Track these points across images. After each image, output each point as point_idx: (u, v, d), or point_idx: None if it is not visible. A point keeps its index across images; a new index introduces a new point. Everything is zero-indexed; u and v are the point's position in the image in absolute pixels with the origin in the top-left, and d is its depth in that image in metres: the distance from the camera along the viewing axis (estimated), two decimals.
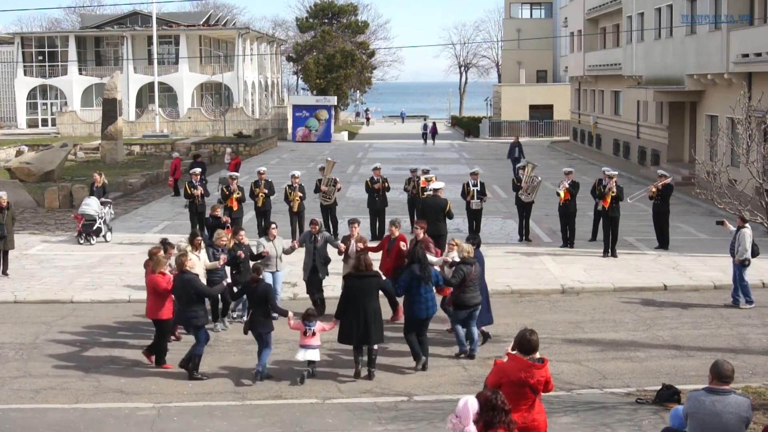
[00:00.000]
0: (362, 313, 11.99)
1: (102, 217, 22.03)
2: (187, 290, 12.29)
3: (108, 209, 22.47)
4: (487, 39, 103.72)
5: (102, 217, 22.03)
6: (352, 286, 12.16)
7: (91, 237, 21.69)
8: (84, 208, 21.94)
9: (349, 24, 79.24)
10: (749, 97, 15.85)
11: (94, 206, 21.97)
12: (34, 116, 69.68)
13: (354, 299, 12.07)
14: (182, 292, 12.32)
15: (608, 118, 47.15)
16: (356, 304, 12.03)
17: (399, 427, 10.44)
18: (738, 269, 15.77)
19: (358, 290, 12.09)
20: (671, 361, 12.85)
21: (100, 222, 21.93)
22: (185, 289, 12.29)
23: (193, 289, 12.31)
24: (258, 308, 12.24)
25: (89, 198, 22.61)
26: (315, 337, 12.10)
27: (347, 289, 12.25)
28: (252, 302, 12.37)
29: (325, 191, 21.87)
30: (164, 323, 12.73)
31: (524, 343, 7.93)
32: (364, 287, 12.14)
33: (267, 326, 12.25)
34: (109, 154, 42.60)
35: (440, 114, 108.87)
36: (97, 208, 21.97)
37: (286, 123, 62.74)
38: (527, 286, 17.32)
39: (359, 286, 12.12)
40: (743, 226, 15.52)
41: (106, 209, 22.30)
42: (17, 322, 15.19)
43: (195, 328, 12.36)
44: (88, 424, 10.60)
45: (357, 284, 12.14)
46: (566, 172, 21.57)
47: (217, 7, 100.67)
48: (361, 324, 11.99)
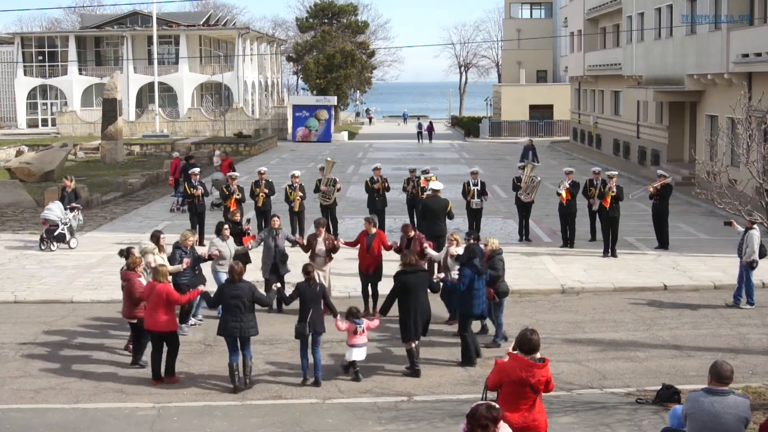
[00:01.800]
0: (419, 307, 12.33)
1: (66, 222, 21.13)
2: (246, 298, 11.75)
3: (75, 215, 21.66)
4: (487, 39, 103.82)
5: (66, 223, 21.12)
6: (408, 282, 12.37)
7: (52, 243, 20.87)
8: (46, 213, 21.12)
9: (349, 24, 79.24)
10: (749, 97, 15.80)
11: (57, 211, 21.07)
12: (34, 116, 69.70)
13: (410, 294, 12.32)
14: (238, 301, 11.70)
15: (608, 118, 47.15)
16: (413, 298, 12.32)
17: (399, 427, 10.44)
18: (745, 270, 15.73)
19: (413, 285, 12.36)
20: (671, 361, 12.85)
21: (63, 228, 21.02)
22: (241, 298, 11.71)
23: (252, 297, 11.86)
24: (317, 307, 12.09)
25: (53, 203, 21.68)
26: (363, 335, 12.13)
27: (403, 285, 12.40)
28: (309, 302, 12.04)
29: (324, 191, 21.86)
30: None
31: (525, 342, 7.93)
32: (419, 282, 12.47)
33: (323, 326, 12.21)
34: (109, 154, 42.60)
35: (440, 114, 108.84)
36: (60, 214, 21.05)
37: (286, 123, 62.75)
38: (527, 286, 17.31)
39: (414, 281, 12.40)
40: (752, 228, 15.47)
41: (72, 215, 21.43)
42: (17, 322, 15.19)
43: (247, 339, 11.84)
44: (88, 424, 10.60)
45: (412, 279, 12.40)
46: (567, 172, 21.60)
47: (217, 7, 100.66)
48: (419, 318, 12.32)
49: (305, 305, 12.02)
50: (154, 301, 12.03)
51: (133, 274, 12.83)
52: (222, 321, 11.95)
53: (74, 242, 21.42)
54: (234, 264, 12.18)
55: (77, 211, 22.04)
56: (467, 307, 12.74)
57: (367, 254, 15.19)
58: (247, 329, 11.73)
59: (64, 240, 21.18)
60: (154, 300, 12.02)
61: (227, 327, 11.72)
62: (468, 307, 12.73)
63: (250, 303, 11.79)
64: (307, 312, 11.93)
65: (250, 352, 11.88)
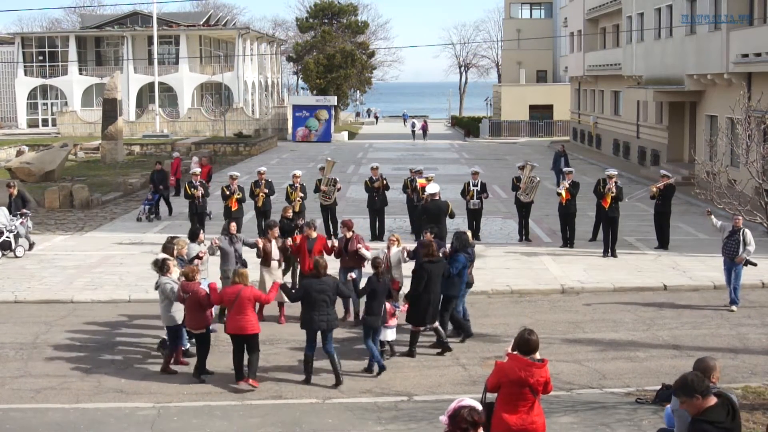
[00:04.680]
0: (434, 294, 12.96)
1: (12, 230, 20.22)
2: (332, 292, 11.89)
3: (24, 221, 20.80)
4: (487, 39, 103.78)
5: (12, 231, 20.22)
6: (431, 270, 12.91)
7: None
8: None
9: (349, 24, 79.22)
10: (749, 97, 15.85)
11: (1, 218, 20.22)
12: (35, 116, 69.73)
13: (431, 282, 12.89)
14: (324, 296, 11.80)
15: (608, 118, 47.16)
16: (433, 286, 12.94)
17: (399, 427, 10.45)
18: (738, 269, 15.55)
19: (434, 274, 12.96)
20: (671, 361, 12.86)
21: (8, 235, 20.11)
22: (327, 292, 11.81)
23: (336, 291, 12.06)
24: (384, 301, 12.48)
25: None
26: (395, 318, 12.82)
27: (427, 273, 12.87)
28: (380, 295, 12.37)
29: (325, 191, 21.87)
30: None
31: (524, 343, 7.90)
32: (439, 271, 13.09)
33: None
34: (110, 154, 42.60)
35: (440, 114, 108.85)
36: (4, 221, 20.22)
37: (286, 123, 62.77)
38: (527, 286, 17.32)
39: (436, 270, 13.00)
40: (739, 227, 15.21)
41: (18, 221, 20.60)
42: (17, 322, 15.20)
43: (330, 332, 11.96)
44: (88, 424, 10.60)
45: (435, 268, 12.99)
46: (567, 171, 21.60)
47: (217, 7, 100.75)
48: (432, 304, 12.97)
49: (377, 299, 12.35)
50: (241, 305, 11.76)
51: (195, 284, 12.27)
52: (306, 316, 11.93)
53: (21, 251, 20.31)
54: (320, 259, 12.27)
55: (26, 218, 21.04)
56: (453, 290, 13.51)
57: (309, 258, 15.16)
58: (333, 321, 11.99)
59: (10, 248, 20.18)
60: (242, 304, 11.76)
61: (313, 321, 11.80)
62: (454, 290, 13.52)
63: (334, 297, 12.01)
64: (379, 306, 12.34)
65: (332, 346, 11.99)
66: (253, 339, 11.89)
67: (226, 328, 12.09)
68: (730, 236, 15.43)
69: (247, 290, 11.87)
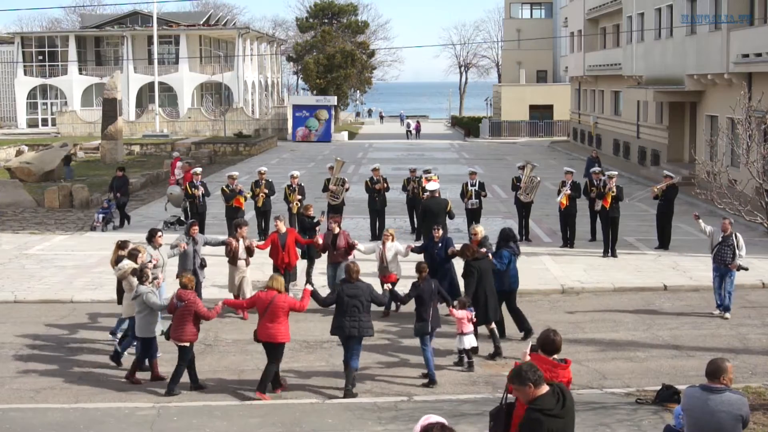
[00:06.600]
0: (489, 289, 13.21)
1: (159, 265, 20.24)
2: (364, 297, 11.59)
3: None
4: (487, 39, 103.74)
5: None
6: (480, 267, 13.18)
7: None
8: None
9: (349, 24, 79.25)
10: (749, 98, 15.82)
11: None
12: (34, 116, 69.71)
13: (483, 279, 13.13)
14: (356, 301, 11.49)
15: (608, 118, 47.15)
16: (487, 282, 13.19)
17: (399, 427, 10.43)
18: (734, 275, 15.20)
19: (486, 270, 13.25)
20: (671, 361, 12.86)
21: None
22: (359, 297, 11.51)
23: (370, 297, 11.69)
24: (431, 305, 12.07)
25: None
26: (470, 324, 12.58)
27: (476, 269, 13.12)
28: (427, 300, 12.00)
29: (333, 191, 21.90)
30: None
31: (548, 343, 7.84)
32: (487, 266, 13.37)
33: (439, 321, 12.47)
34: (109, 154, 42.60)
35: (440, 114, 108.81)
36: None
37: (286, 123, 62.76)
38: (527, 286, 17.26)
39: (484, 266, 13.28)
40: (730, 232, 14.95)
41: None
42: (17, 322, 15.19)
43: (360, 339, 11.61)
44: (88, 424, 10.59)
45: (482, 264, 13.26)
46: (567, 171, 21.53)
47: (217, 7, 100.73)
48: (490, 299, 13.16)
49: (424, 305, 12.00)
50: (274, 312, 11.35)
51: (191, 293, 11.78)
52: (337, 321, 11.58)
53: None
54: (352, 264, 11.95)
55: None
56: (508, 284, 13.88)
57: (282, 252, 15.29)
58: (365, 329, 11.53)
59: None
60: (275, 312, 11.35)
61: (344, 327, 11.46)
62: (511, 284, 13.93)
63: (367, 303, 11.62)
64: (427, 311, 11.98)
65: (357, 362, 11.65)
66: (278, 348, 11.49)
67: (256, 336, 11.60)
68: (723, 242, 15.10)
69: (281, 298, 11.44)
